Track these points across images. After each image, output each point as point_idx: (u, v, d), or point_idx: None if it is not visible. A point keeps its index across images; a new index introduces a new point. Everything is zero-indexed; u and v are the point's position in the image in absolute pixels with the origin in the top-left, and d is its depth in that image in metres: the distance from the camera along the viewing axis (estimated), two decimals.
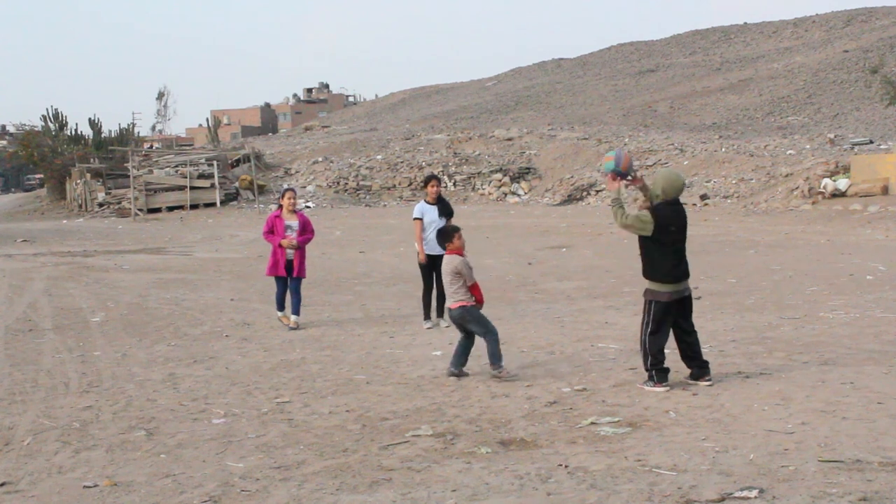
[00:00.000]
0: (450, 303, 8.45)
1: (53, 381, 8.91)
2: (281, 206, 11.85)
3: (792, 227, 25.67)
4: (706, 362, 7.89)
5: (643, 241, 7.77)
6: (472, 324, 8.38)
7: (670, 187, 7.79)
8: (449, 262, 8.41)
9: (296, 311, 11.77)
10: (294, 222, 11.71)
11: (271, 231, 11.70)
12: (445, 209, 11.35)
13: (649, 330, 7.75)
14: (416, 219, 11.36)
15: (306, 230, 11.77)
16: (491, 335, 8.33)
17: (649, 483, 5.40)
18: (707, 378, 7.76)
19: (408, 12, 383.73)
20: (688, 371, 7.89)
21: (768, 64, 69.10)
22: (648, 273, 7.81)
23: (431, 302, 11.43)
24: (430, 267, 11.20)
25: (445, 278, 8.39)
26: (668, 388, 7.64)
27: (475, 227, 27.12)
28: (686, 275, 7.86)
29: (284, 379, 8.77)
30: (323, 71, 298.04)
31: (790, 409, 6.93)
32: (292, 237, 11.64)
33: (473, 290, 8.41)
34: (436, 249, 10.83)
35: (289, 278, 11.74)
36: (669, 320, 7.80)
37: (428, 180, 11.44)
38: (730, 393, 7.48)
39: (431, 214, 11.26)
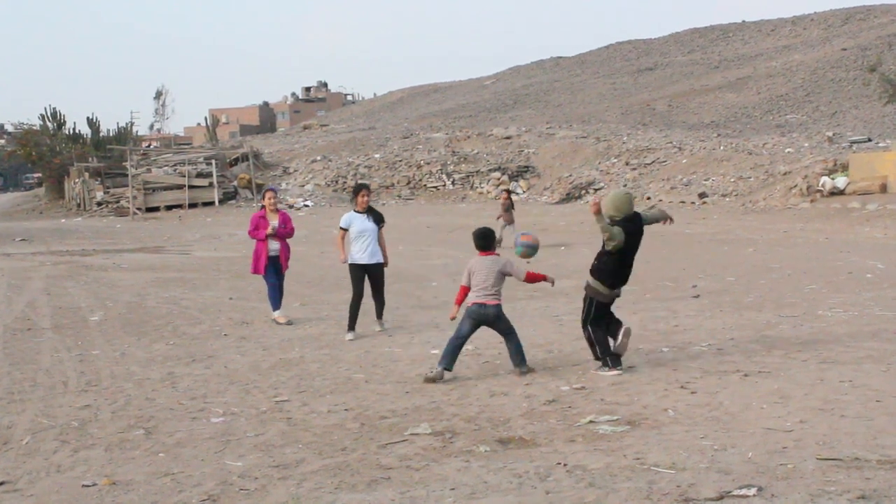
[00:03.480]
0: (489, 300, 8.45)
1: (52, 380, 8.90)
2: (264, 207, 12.27)
3: (790, 225, 25.68)
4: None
5: (604, 248, 8.50)
6: (503, 322, 8.56)
7: (620, 205, 8.47)
8: (495, 262, 8.52)
9: (279, 306, 12.19)
10: (276, 222, 12.08)
11: (256, 229, 12.06)
12: (376, 217, 11.26)
13: (591, 320, 8.59)
14: (341, 228, 11.30)
15: (286, 226, 12.17)
16: (516, 334, 8.60)
17: (648, 481, 5.40)
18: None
19: (406, 11, 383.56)
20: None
21: (767, 62, 69.13)
22: (600, 275, 8.55)
23: (358, 314, 11.03)
24: (363, 276, 11.10)
25: (489, 279, 8.45)
26: (620, 371, 8.28)
27: (474, 226, 27.06)
28: (626, 281, 8.70)
29: (283, 378, 8.77)
30: (321, 70, 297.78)
31: (789, 407, 6.93)
32: (273, 225, 12.04)
33: (533, 277, 8.68)
34: (372, 259, 11.07)
35: (276, 274, 12.06)
36: (604, 316, 8.67)
37: (358, 190, 11.36)
38: (728, 391, 7.49)
39: (361, 223, 11.10)
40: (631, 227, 8.41)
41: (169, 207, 42.12)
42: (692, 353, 9.15)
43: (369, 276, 11.11)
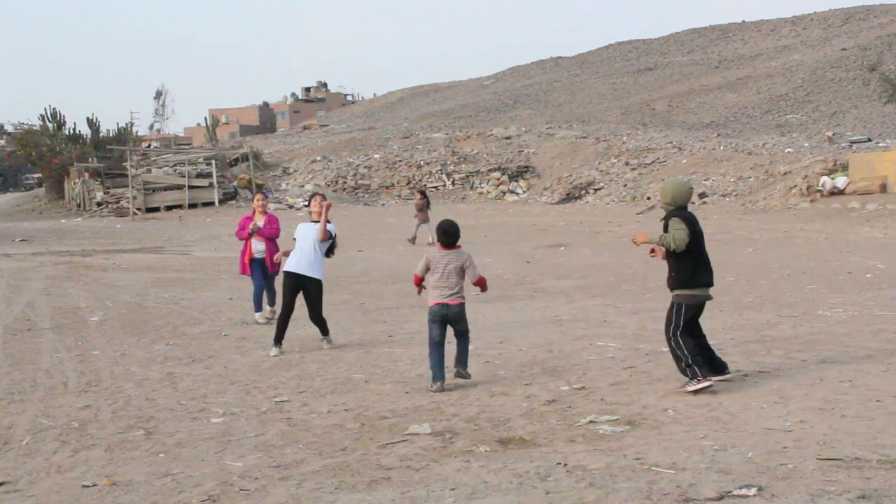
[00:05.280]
0: (451, 299, 8.11)
1: (52, 380, 8.90)
2: (254, 210, 12.43)
3: (790, 225, 25.68)
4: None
5: (672, 254, 7.74)
6: (464, 321, 8.21)
7: (678, 194, 7.81)
8: (458, 257, 8.15)
9: (272, 303, 12.29)
10: (261, 223, 12.20)
11: (242, 230, 12.25)
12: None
13: (680, 331, 7.68)
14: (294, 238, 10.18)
15: (271, 227, 12.24)
16: (468, 337, 8.30)
17: (648, 481, 5.40)
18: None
19: (406, 11, 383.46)
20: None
21: (766, 62, 69.13)
22: (679, 278, 7.77)
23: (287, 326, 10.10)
24: (296, 287, 10.05)
25: (450, 276, 8.10)
26: (711, 383, 7.44)
27: (473, 225, 27.11)
28: (712, 279, 7.83)
29: (283, 378, 8.77)
30: (321, 70, 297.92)
31: (789, 407, 6.93)
32: (256, 225, 12.17)
33: (481, 281, 8.29)
34: (307, 270, 9.96)
35: (264, 274, 12.19)
36: (694, 324, 7.80)
37: (312, 198, 10.51)
38: (728, 391, 7.48)
39: (306, 231, 10.10)
40: (690, 215, 7.78)
41: (169, 208, 42.12)
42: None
43: (301, 289, 10.08)
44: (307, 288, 10.06)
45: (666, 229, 7.73)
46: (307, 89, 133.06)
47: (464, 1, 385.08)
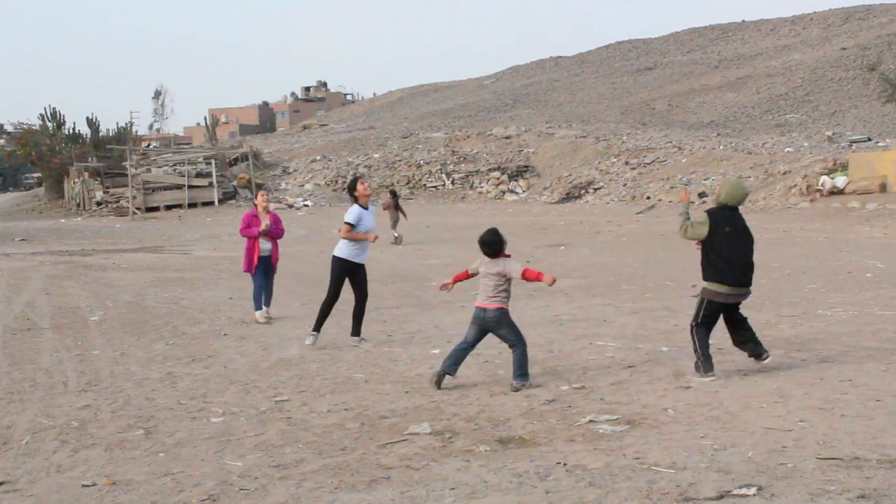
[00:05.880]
0: (488, 303, 7.97)
1: (52, 379, 8.90)
2: (255, 206, 12.47)
3: (790, 224, 25.67)
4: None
5: (703, 243, 8.04)
6: (505, 328, 8.00)
7: (731, 195, 8.09)
8: (496, 264, 8.00)
9: (268, 304, 12.37)
10: (268, 221, 12.26)
11: (249, 227, 12.26)
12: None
13: (696, 323, 8.09)
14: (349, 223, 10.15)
15: (277, 227, 12.36)
16: (521, 345, 7.98)
17: (648, 481, 5.40)
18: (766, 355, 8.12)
19: (406, 11, 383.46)
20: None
21: (766, 62, 69.12)
22: (704, 272, 8.07)
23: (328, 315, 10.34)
24: (347, 275, 10.21)
25: (488, 280, 7.98)
26: (714, 377, 7.85)
27: (473, 225, 27.11)
28: (744, 282, 8.07)
29: (283, 377, 8.77)
30: (321, 69, 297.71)
31: (789, 406, 6.93)
32: (265, 224, 12.23)
33: (530, 275, 8.01)
34: (365, 259, 10.25)
35: (266, 273, 12.27)
36: (714, 320, 8.13)
37: (358, 181, 10.48)
38: (728, 390, 7.49)
39: (368, 218, 10.23)
40: (725, 215, 7.99)
41: (168, 207, 42.13)
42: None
43: (352, 277, 10.26)
44: (361, 274, 10.30)
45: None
46: (307, 89, 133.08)
47: (463, 1, 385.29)
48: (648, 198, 35.65)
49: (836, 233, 23.13)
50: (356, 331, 10.29)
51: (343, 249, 10.18)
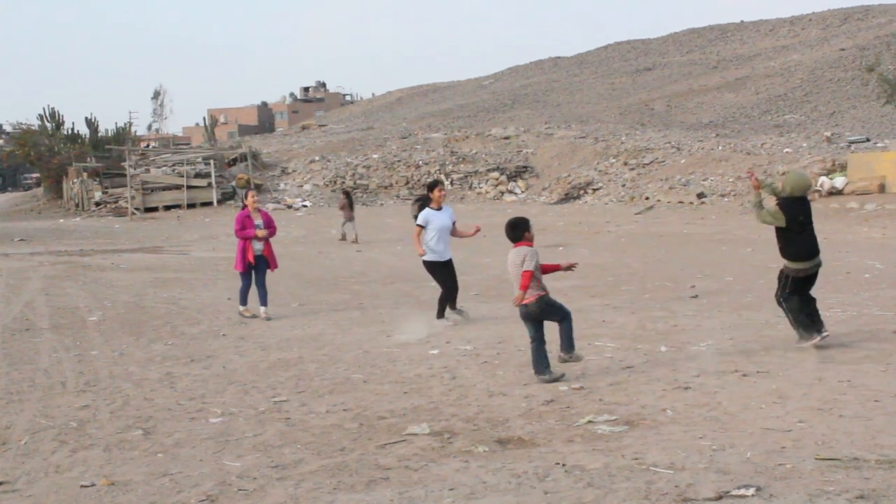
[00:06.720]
0: (525, 298, 8.06)
1: (50, 380, 8.90)
2: (246, 206, 12.74)
3: None
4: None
5: (779, 229, 9.11)
6: (550, 312, 8.19)
7: (797, 187, 9.12)
8: (517, 254, 8.10)
9: (265, 303, 12.52)
10: (259, 221, 12.56)
11: (244, 228, 12.48)
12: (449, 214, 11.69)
13: (785, 296, 9.13)
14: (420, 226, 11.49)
15: (270, 226, 12.65)
16: (568, 320, 8.27)
17: (646, 481, 5.40)
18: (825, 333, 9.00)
19: (405, 11, 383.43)
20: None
21: (765, 62, 69.14)
22: (784, 253, 9.16)
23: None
24: (443, 270, 11.46)
25: (515, 270, 8.09)
26: (819, 337, 8.86)
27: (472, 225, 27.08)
28: (816, 253, 9.19)
29: (281, 378, 8.76)
30: (320, 70, 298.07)
31: (787, 407, 6.93)
32: (263, 230, 12.55)
33: (548, 268, 8.30)
34: (450, 254, 11.45)
35: (257, 272, 12.52)
36: (801, 290, 9.13)
37: (433, 186, 11.68)
38: (727, 391, 7.49)
39: (443, 219, 11.45)
40: (797, 205, 9.06)
41: (167, 207, 42.11)
42: (691, 352, 9.15)
43: (447, 270, 11.47)
44: (449, 268, 11.47)
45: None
46: (306, 89, 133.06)
47: (463, 1, 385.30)
48: (647, 198, 35.65)
49: (835, 233, 23.14)
50: (451, 307, 11.51)
51: (430, 254, 11.43)
